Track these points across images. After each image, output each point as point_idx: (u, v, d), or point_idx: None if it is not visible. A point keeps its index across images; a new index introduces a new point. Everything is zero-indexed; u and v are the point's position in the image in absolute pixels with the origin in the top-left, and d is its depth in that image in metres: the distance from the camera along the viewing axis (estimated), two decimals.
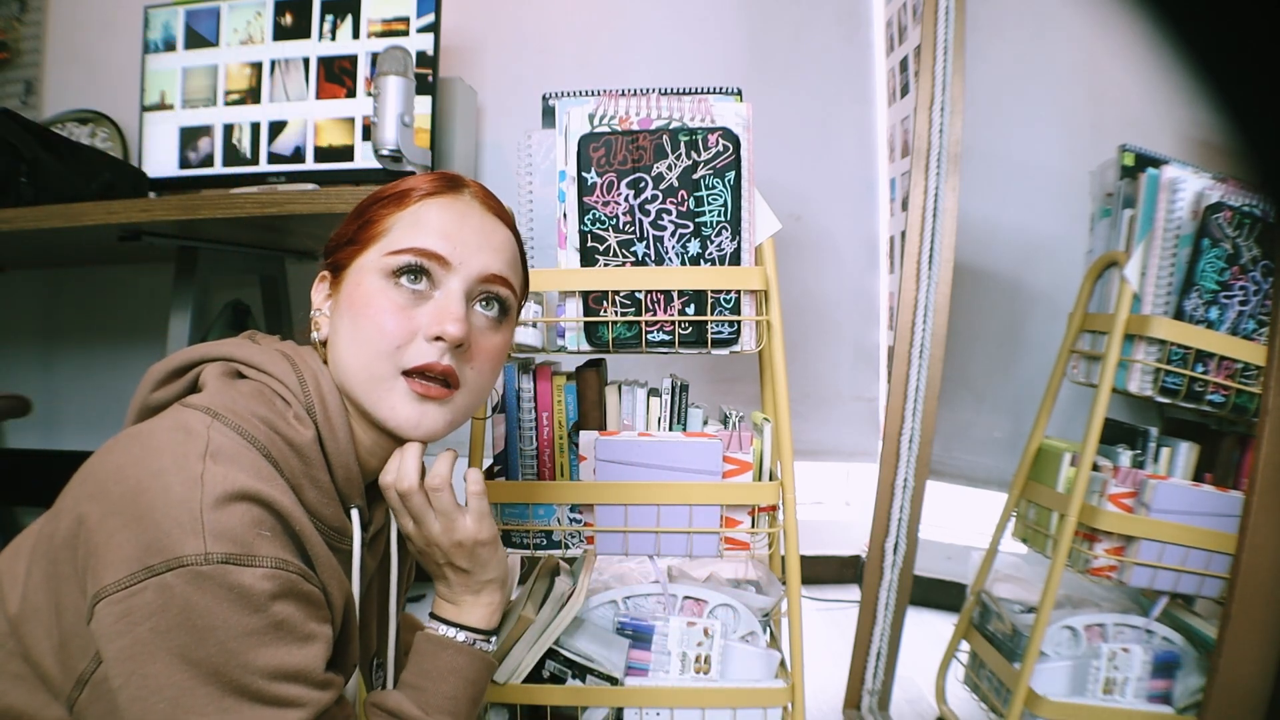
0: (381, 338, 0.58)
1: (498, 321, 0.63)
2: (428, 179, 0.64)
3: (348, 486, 0.59)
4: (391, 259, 0.59)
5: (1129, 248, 1.05)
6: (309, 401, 0.58)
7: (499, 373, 0.66)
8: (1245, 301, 1.00)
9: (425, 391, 0.58)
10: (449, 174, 0.65)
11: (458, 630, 0.67)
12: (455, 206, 0.62)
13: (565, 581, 0.93)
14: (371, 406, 0.59)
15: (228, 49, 1.58)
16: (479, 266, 0.61)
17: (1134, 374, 1.02)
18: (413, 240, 0.60)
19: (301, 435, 0.56)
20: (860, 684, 1.22)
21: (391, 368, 0.58)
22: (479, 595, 0.68)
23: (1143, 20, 0.23)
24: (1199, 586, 1.01)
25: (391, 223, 0.61)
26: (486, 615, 0.68)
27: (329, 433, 0.58)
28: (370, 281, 0.59)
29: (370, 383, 0.58)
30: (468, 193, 0.64)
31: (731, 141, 0.89)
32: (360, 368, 0.58)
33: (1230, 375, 1.01)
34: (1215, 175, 1.01)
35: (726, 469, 0.91)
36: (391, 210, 0.62)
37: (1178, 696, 1.01)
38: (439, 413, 0.59)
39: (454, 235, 0.60)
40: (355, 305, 0.59)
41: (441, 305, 0.59)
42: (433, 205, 0.61)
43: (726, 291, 0.91)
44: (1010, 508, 1.19)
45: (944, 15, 1.14)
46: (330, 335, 0.62)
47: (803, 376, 1.78)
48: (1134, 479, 1.02)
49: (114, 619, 0.46)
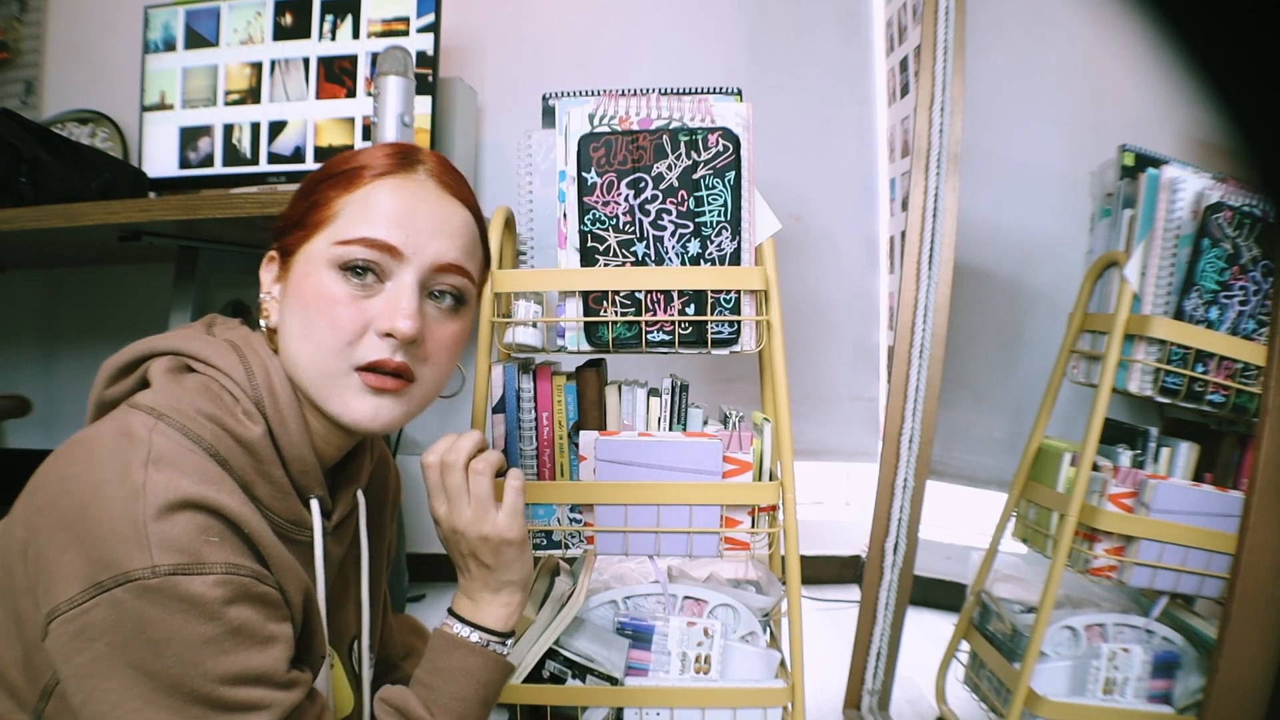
0: (333, 334, 0.56)
1: (453, 311, 0.61)
2: (380, 154, 0.60)
3: (304, 478, 0.58)
4: (341, 250, 0.56)
5: (1129, 248, 1.05)
6: (258, 395, 0.56)
7: (457, 358, 0.64)
8: (1245, 301, 1.00)
9: (380, 385, 0.57)
10: (403, 148, 0.61)
11: (472, 630, 0.66)
12: (408, 189, 0.58)
13: (565, 581, 0.93)
14: (323, 401, 0.57)
15: (228, 49, 1.58)
16: (433, 256, 0.58)
17: (1134, 374, 1.02)
18: (362, 229, 0.56)
19: (250, 431, 0.54)
20: (860, 684, 1.22)
21: (344, 364, 0.56)
22: (498, 594, 0.67)
23: (1143, 20, 0.23)
24: (1199, 586, 1.01)
25: (341, 206, 0.58)
26: (504, 616, 0.68)
27: (280, 427, 0.56)
28: (320, 274, 0.57)
29: (322, 378, 0.57)
30: (423, 170, 0.60)
31: (731, 141, 0.89)
32: (311, 363, 0.57)
33: (1230, 375, 1.01)
34: (1215, 175, 1.01)
35: (726, 469, 0.91)
36: (340, 191, 0.58)
37: (1178, 696, 1.01)
38: (394, 405, 0.58)
39: (406, 222, 0.57)
40: (305, 298, 0.57)
41: (393, 299, 0.57)
42: (385, 187, 0.58)
43: (726, 291, 0.91)
44: (1010, 508, 1.19)
45: (944, 15, 1.14)
46: (280, 324, 0.59)
47: (803, 376, 1.78)
48: (1134, 479, 1.02)
49: (69, 637, 0.45)
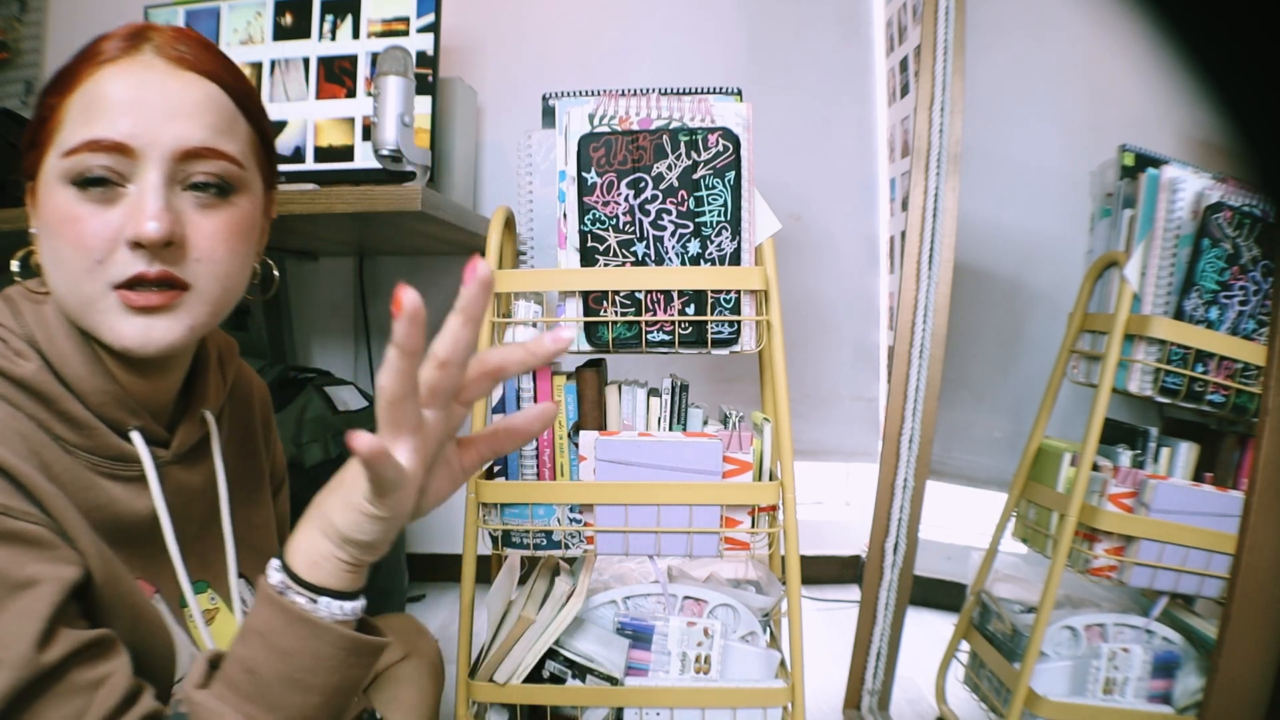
0: (79, 255, 0.50)
1: (220, 199, 0.53)
2: (101, 42, 0.53)
3: (113, 409, 0.52)
4: (69, 162, 0.50)
5: (1129, 248, 1.05)
6: (27, 332, 0.52)
7: (248, 250, 0.57)
8: (1245, 301, 1.00)
9: (144, 302, 0.50)
10: (128, 28, 0.54)
11: (320, 598, 0.46)
12: (133, 73, 0.51)
13: (565, 582, 0.93)
14: (94, 330, 0.51)
15: (228, 49, 1.57)
16: (172, 142, 0.50)
17: (1134, 374, 1.02)
18: (86, 132, 0.49)
19: (22, 368, 0.50)
20: (860, 684, 1.22)
21: (99, 285, 0.50)
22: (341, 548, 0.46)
23: (1143, 20, 0.23)
24: (1199, 586, 1.01)
25: (65, 112, 0.51)
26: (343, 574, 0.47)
27: (58, 358, 0.51)
28: (56, 193, 0.51)
29: (83, 306, 0.51)
30: (149, 48, 0.52)
31: (731, 141, 0.89)
32: (69, 292, 0.51)
33: (1230, 375, 1.01)
34: (1215, 175, 1.01)
35: (726, 469, 0.91)
36: (61, 96, 0.51)
37: (1178, 696, 1.01)
38: (170, 322, 0.51)
39: (133, 111, 0.50)
40: (48, 223, 0.51)
41: (135, 204, 0.50)
42: (106, 77, 0.51)
43: (726, 291, 0.91)
44: (1010, 508, 1.19)
45: (944, 15, 1.14)
46: (41, 258, 0.53)
47: (803, 376, 1.78)
48: (1134, 479, 1.02)
49: None
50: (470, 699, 0.91)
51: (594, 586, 0.96)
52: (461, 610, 0.94)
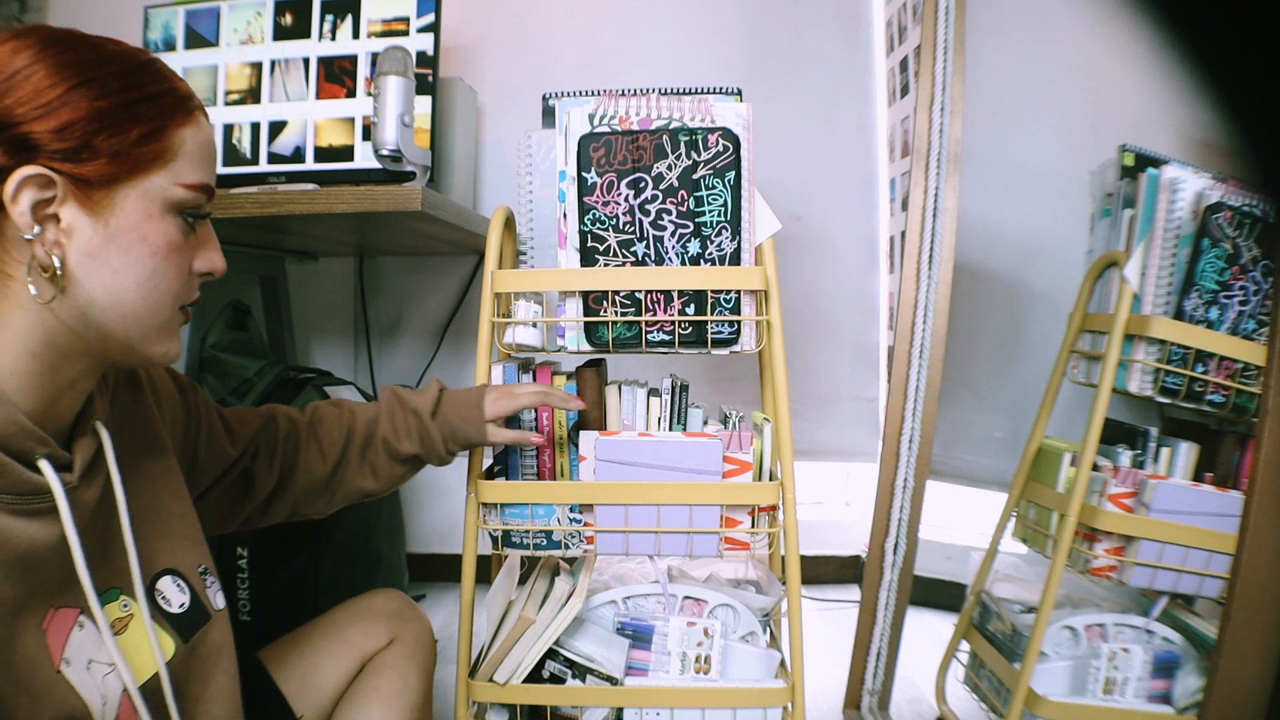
0: (178, 280, 0.55)
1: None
2: (182, 84, 0.55)
3: (20, 440, 0.50)
4: (184, 194, 0.54)
5: (1129, 248, 1.05)
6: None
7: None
8: (1245, 301, 1.00)
9: (184, 320, 0.58)
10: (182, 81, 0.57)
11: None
12: (207, 125, 0.57)
13: (565, 582, 0.93)
14: (146, 345, 0.55)
15: (228, 49, 1.57)
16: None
17: (1134, 374, 1.02)
18: (202, 173, 0.55)
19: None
20: (860, 684, 1.22)
21: (175, 308, 0.56)
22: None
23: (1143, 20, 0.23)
24: (1199, 586, 1.01)
25: (180, 140, 0.53)
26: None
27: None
28: (164, 219, 0.53)
29: (157, 324, 0.55)
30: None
31: (731, 141, 0.89)
32: (149, 310, 0.53)
33: (1230, 375, 1.01)
34: (1215, 175, 1.01)
35: (726, 469, 0.91)
36: (179, 123, 0.53)
37: (1178, 697, 1.01)
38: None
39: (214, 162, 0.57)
40: (152, 243, 0.52)
41: (210, 240, 0.58)
42: (204, 125, 0.56)
43: (726, 291, 0.91)
44: (1010, 508, 1.19)
45: (944, 15, 1.14)
46: (86, 265, 0.51)
47: (803, 376, 1.78)
48: (1134, 479, 1.02)
49: None
50: (470, 699, 0.91)
51: (594, 586, 0.96)
52: (461, 610, 0.94)
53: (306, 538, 1.28)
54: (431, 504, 1.84)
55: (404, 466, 0.87)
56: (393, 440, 0.85)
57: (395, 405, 0.87)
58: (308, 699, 0.78)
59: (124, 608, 0.58)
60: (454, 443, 0.87)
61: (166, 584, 0.62)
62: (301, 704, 0.77)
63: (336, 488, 0.85)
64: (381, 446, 0.86)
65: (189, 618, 0.63)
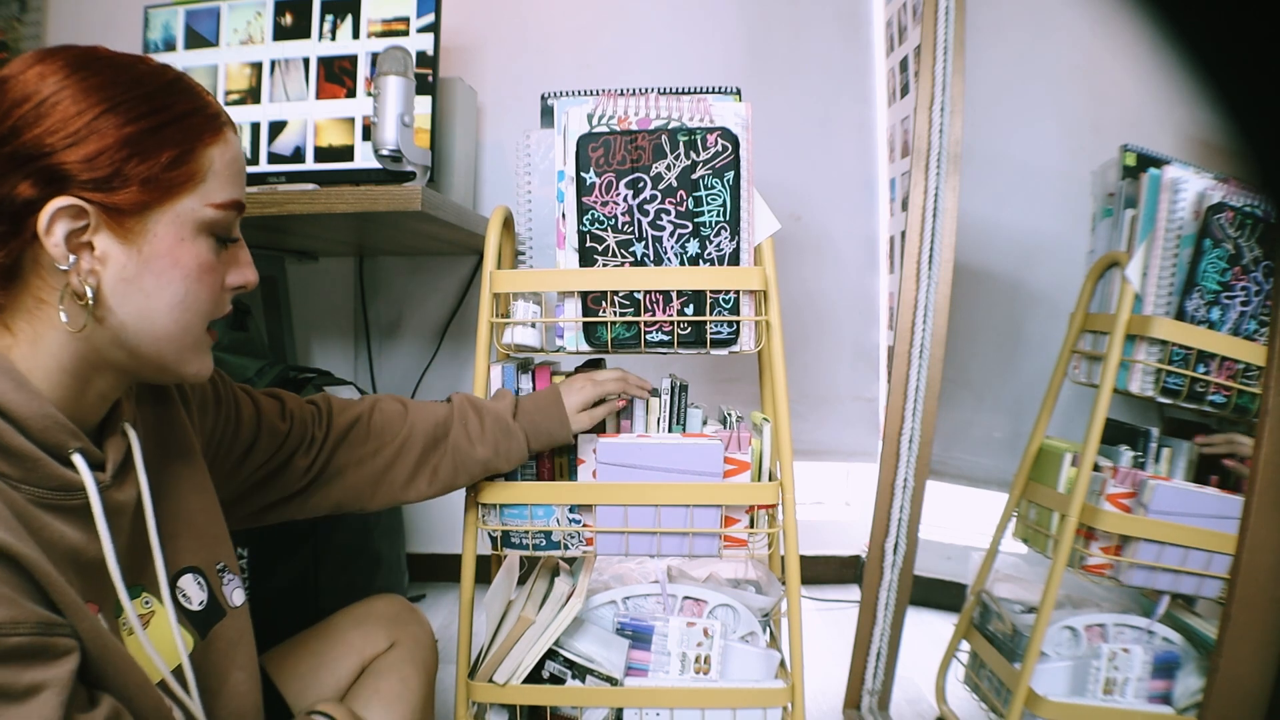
0: (209, 300, 0.55)
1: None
2: (211, 99, 0.55)
3: (54, 433, 0.50)
4: (216, 215, 0.54)
5: (1130, 248, 1.05)
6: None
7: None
8: (1247, 302, 1.00)
9: (213, 338, 0.58)
10: (212, 97, 0.57)
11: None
12: (236, 140, 0.57)
13: (565, 582, 0.93)
14: (180, 364, 0.56)
15: (228, 49, 1.57)
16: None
17: (1135, 374, 1.02)
18: (232, 191, 0.55)
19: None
20: (860, 684, 1.22)
21: (204, 326, 0.56)
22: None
23: (1143, 20, 0.23)
24: (1198, 587, 1.01)
25: (210, 160, 0.53)
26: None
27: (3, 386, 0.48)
28: (196, 241, 0.53)
29: (189, 347, 0.55)
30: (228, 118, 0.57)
31: (730, 141, 0.89)
32: (180, 330, 0.54)
33: (1232, 376, 1.01)
34: (1217, 175, 1.01)
35: (726, 469, 0.91)
36: (208, 142, 0.53)
37: (1178, 697, 1.01)
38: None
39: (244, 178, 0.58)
40: (185, 266, 0.53)
41: (243, 255, 0.58)
42: (234, 141, 0.56)
43: (725, 292, 0.91)
44: (1011, 508, 1.19)
45: (944, 15, 1.14)
46: (120, 291, 0.51)
47: (802, 376, 1.78)
48: (1133, 479, 1.02)
49: None
50: (470, 699, 0.91)
51: (594, 587, 0.96)
52: (461, 610, 0.94)
53: (306, 538, 1.28)
54: (431, 504, 1.84)
55: (466, 473, 0.87)
56: (464, 446, 0.86)
57: (469, 410, 0.87)
58: (308, 702, 0.78)
59: (146, 605, 0.59)
60: (537, 441, 0.89)
61: (187, 581, 0.63)
62: (302, 707, 0.77)
63: (387, 488, 0.85)
64: (452, 451, 0.86)
65: (206, 614, 0.63)
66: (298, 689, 0.78)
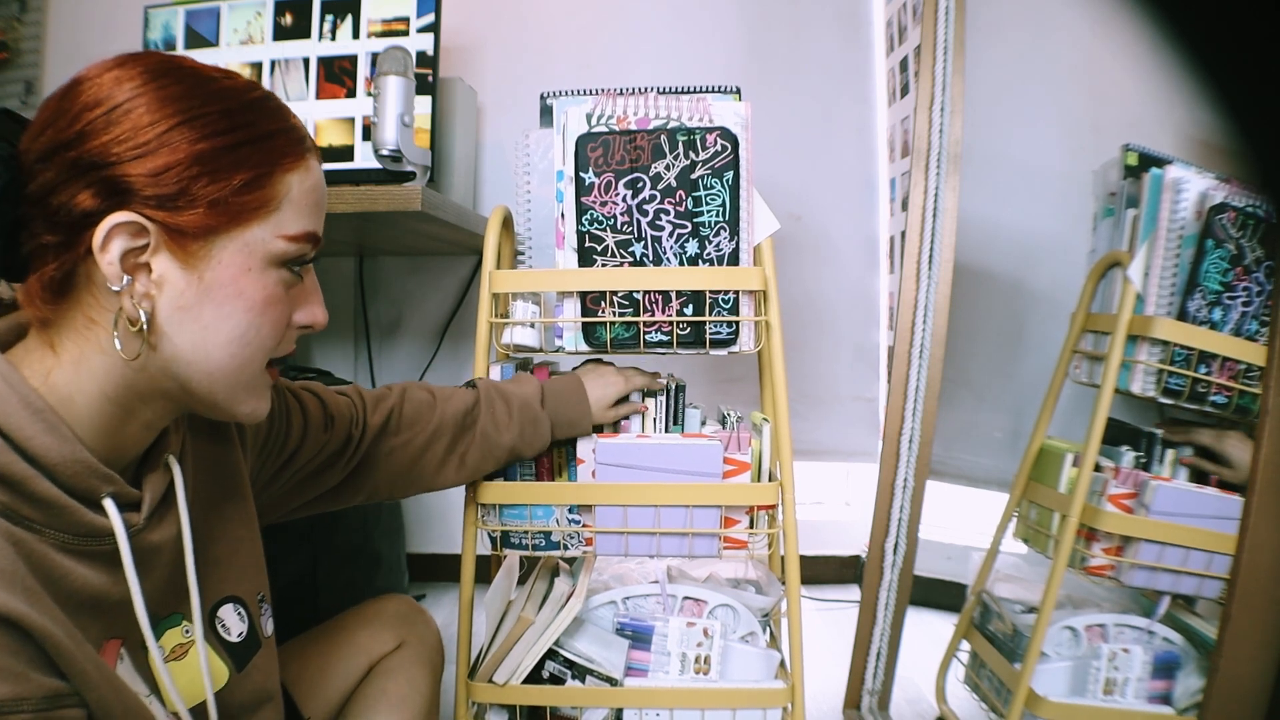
0: (273, 336, 0.52)
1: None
2: (295, 120, 0.52)
3: (84, 479, 0.47)
4: (288, 247, 0.50)
5: (1132, 248, 1.05)
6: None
7: None
8: (1248, 302, 1.00)
9: (273, 378, 0.55)
10: (299, 122, 0.53)
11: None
12: (317, 169, 0.53)
13: (565, 582, 0.93)
14: (235, 403, 0.52)
15: (228, 49, 1.57)
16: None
17: (1136, 374, 1.01)
18: (307, 222, 0.51)
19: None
20: (860, 684, 1.22)
21: (264, 363, 0.53)
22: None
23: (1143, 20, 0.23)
24: (1199, 587, 1.01)
25: (287, 188, 0.50)
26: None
27: (18, 432, 0.44)
28: (264, 271, 0.50)
29: (244, 385, 0.52)
30: (312, 144, 0.53)
31: (730, 141, 0.89)
32: (238, 369, 0.51)
33: (1233, 376, 1.01)
34: (1219, 176, 1.01)
35: (725, 469, 0.91)
36: (290, 168, 0.50)
37: (1178, 697, 1.01)
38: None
39: (324, 209, 0.54)
40: (250, 298, 0.49)
41: (314, 294, 0.54)
42: (314, 168, 0.52)
43: (725, 292, 0.90)
44: (1011, 508, 1.19)
45: (944, 15, 1.14)
46: (174, 322, 0.48)
47: (802, 376, 1.78)
48: (1134, 480, 1.02)
49: None
50: (470, 699, 0.91)
51: (593, 587, 0.96)
52: (461, 610, 0.94)
53: (306, 538, 1.28)
54: (431, 504, 1.84)
55: (494, 460, 0.87)
56: (492, 433, 0.86)
57: (495, 397, 0.87)
58: (316, 701, 0.78)
59: (186, 633, 0.57)
60: (562, 430, 0.89)
61: (228, 612, 0.61)
62: (310, 706, 0.78)
63: (417, 477, 0.84)
64: (480, 438, 0.86)
65: (244, 646, 0.62)
66: (306, 688, 0.78)
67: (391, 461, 0.82)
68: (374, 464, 0.81)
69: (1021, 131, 1.49)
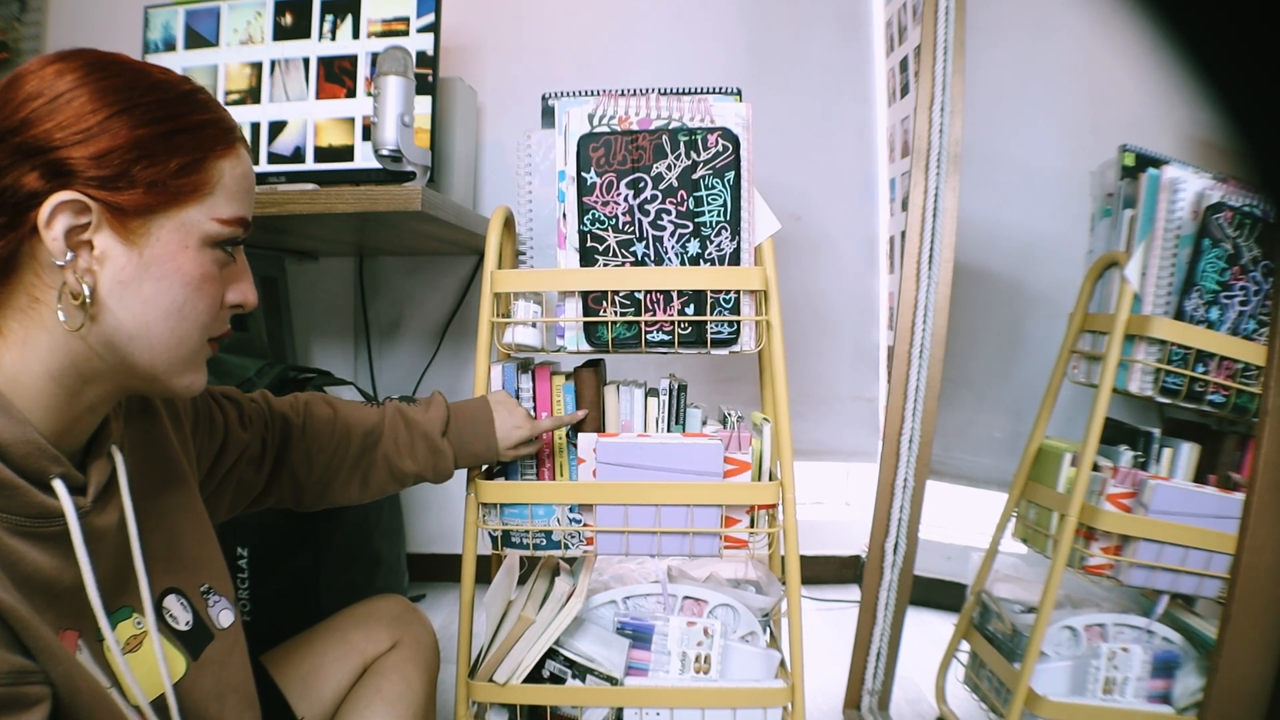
0: (209, 312, 0.54)
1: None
2: (225, 114, 0.55)
3: (35, 459, 0.49)
4: (221, 229, 0.53)
5: (1129, 248, 1.05)
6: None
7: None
8: (1246, 302, 1.00)
9: (213, 351, 0.57)
10: (226, 113, 0.56)
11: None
12: (247, 157, 0.56)
13: (565, 582, 0.93)
14: (173, 376, 0.55)
15: (228, 49, 1.57)
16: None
17: (1134, 374, 1.02)
18: (238, 207, 0.55)
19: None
20: (860, 684, 1.22)
21: (203, 339, 0.55)
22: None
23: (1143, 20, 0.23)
24: (1197, 586, 1.01)
25: (219, 173, 0.53)
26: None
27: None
28: (201, 252, 0.53)
29: (186, 355, 0.55)
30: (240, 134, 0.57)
31: (731, 141, 0.89)
32: (178, 340, 0.53)
33: (1231, 375, 1.01)
34: (1216, 175, 1.01)
35: (726, 469, 0.91)
36: (218, 155, 0.53)
37: (1178, 697, 1.01)
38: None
39: (252, 196, 0.57)
40: (186, 274, 0.52)
41: (242, 271, 0.57)
42: (244, 157, 0.56)
43: (726, 291, 0.91)
44: (1010, 508, 1.19)
45: (944, 15, 1.14)
46: (117, 294, 0.50)
47: (802, 376, 1.78)
48: (1133, 479, 1.02)
49: None
50: (470, 699, 0.91)
51: (594, 586, 0.96)
52: (461, 610, 0.94)
53: (306, 538, 1.28)
54: (431, 504, 1.84)
55: (397, 482, 0.87)
56: (394, 458, 0.85)
57: (400, 423, 0.86)
58: (309, 701, 0.78)
59: (138, 625, 0.58)
60: (464, 460, 0.89)
61: (171, 602, 0.62)
62: (303, 706, 0.77)
63: (322, 491, 0.84)
64: (381, 461, 0.85)
65: (195, 636, 0.62)
66: (299, 689, 0.78)
67: (300, 470, 0.82)
68: (285, 469, 0.81)
69: (1021, 131, 1.50)
